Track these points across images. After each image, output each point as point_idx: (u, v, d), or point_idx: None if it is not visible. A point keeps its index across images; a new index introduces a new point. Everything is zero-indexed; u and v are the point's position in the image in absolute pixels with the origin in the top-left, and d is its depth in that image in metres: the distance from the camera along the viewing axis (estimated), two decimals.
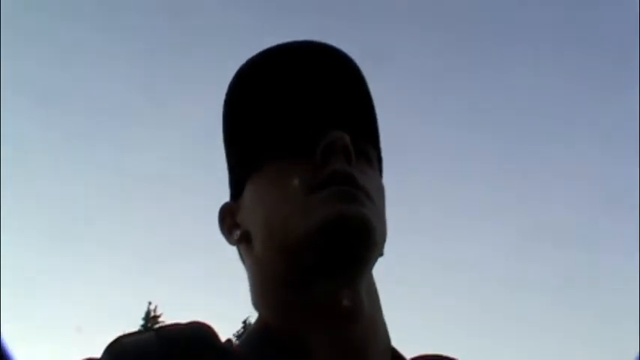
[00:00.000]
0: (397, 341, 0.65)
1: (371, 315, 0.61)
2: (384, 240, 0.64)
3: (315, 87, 0.66)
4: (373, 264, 0.64)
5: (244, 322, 29.17)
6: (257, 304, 0.66)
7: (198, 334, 0.57)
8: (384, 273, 0.68)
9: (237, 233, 0.67)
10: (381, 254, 0.65)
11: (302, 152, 0.63)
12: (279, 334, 0.60)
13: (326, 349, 0.58)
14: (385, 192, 0.68)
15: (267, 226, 0.62)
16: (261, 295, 0.65)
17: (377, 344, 0.61)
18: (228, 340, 0.61)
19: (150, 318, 30.14)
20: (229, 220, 0.70)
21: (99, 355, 0.56)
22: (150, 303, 30.85)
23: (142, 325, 29.72)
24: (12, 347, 0.52)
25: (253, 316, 0.65)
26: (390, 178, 0.73)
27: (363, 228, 0.58)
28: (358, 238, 0.59)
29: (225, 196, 0.73)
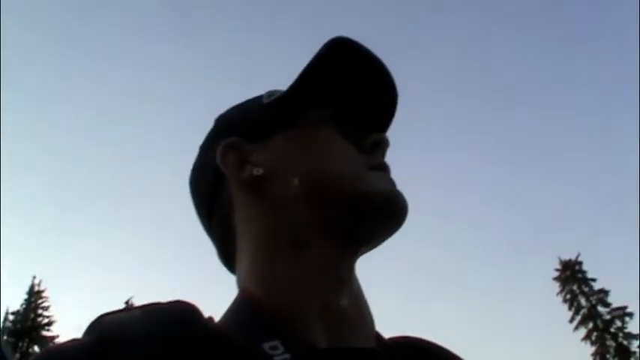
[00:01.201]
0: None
1: (359, 291, 0.64)
2: None
3: (381, 95, 0.74)
4: (369, 250, 0.67)
5: (126, 302, 28.56)
6: (248, 267, 0.64)
7: (183, 312, 0.56)
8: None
9: (259, 170, 0.66)
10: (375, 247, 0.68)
11: (349, 134, 0.70)
12: (267, 304, 0.59)
13: (321, 318, 0.58)
14: None
15: (322, 173, 0.65)
16: (259, 252, 0.64)
17: (365, 322, 0.63)
18: (210, 318, 0.59)
19: (34, 293, 29.99)
20: (235, 155, 0.69)
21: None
22: (34, 277, 30.62)
23: (25, 300, 29.68)
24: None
25: (136, 296, 0.67)
26: None
27: (407, 212, 0.65)
28: (403, 218, 0.65)
29: None
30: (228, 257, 0.71)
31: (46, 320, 30.00)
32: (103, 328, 0.54)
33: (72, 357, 0.51)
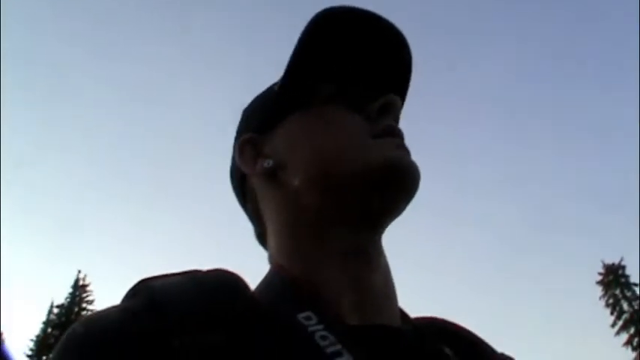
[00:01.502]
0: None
1: (385, 267, 0.64)
2: None
3: (383, 56, 0.71)
4: (391, 221, 0.65)
5: None
6: (276, 245, 0.65)
7: (228, 282, 0.56)
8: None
9: (269, 162, 0.66)
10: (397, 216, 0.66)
11: (354, 105, 0.67)
12: (298, 279, 0.60)
13: (348, 293, 0.59)
14: None
15: (321, 158, 0.63)
16: (284, 234, 0.64)
17: (391, 294, 0.63)
18: (249, 288, 0.59)
19: (79, 287, 30.54)
20: (251, 150, 0.70)
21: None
22: (79, 271, 31.27)
23: (70, 294, 30.34)
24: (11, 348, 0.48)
25: None
26: None
27: (418, 179, 0.62)
28: (413, 185, 0.62)
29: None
30: (262, 237, 0.72)
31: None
32: (149, 292, 0.52)
33: (117, 322, 0.49)
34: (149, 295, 0.51)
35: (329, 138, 0.64)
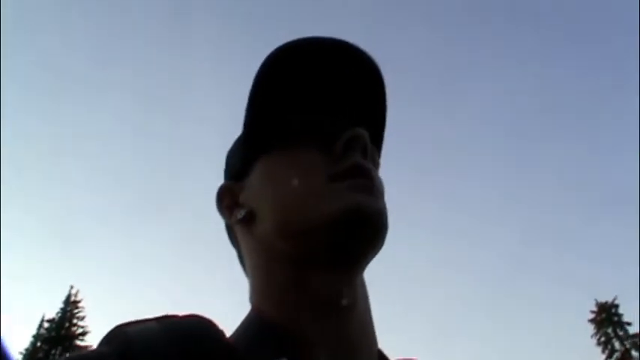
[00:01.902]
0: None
1: (363, 311, 0.62)
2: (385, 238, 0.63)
3: (341, 85, 0.68)
4: (370, 261, 0.64)
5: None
6: (255, 291, 0.65)
7: (202, 328, 0.56)
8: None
9: (242, 212, 0.66)
10: (375, 256, 0.64)
11: (320, 143, 0.64)
12: (275, 325, 0.59)
13: (323, 342, 0.58)
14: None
15: (282, 206, 0.62)
16: (261, 281, 0.64)
17: (368, 341, 0.62)
18: (222, 333, 0.58)
19: (70, 302, 30.23)
20: (228, 199, 0.69)
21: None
22: (72, 287, 31.01)
23: (62, 309, 29.96)
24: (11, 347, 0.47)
25: (172, 311, 0.60)
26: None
27: (380, 221, 0.60)
28: (373, 229, 0.60)
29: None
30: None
31: (80, 330, 30.28)
32: (123, 339, 0.53)
33: None
34: (123, 342, 0.52)
35: (286, 189, 0.62)
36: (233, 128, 0.74)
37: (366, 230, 0.59)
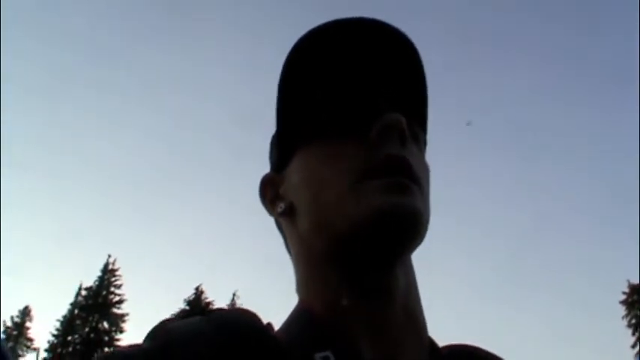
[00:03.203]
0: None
1: (409, 300, 0.61)
2: (427, 228, 0.61)
3: (373, 65, 0.65)
4: (412, 252, 0.62)
5: (196, 288, 30.56)
6: (301, 283, 0.64)
7: (247, 321, 0.57)
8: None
9: (282, 206, 0.65)
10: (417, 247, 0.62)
11: (355, 130, 0.61)
12: (319, 318, 0.59)
13: (367, 333, 0.57)
14: (430, 174, 0.66)
15: (315, 206, 0.61)
16: (303, 273, 0.64)
17: (416, 330, 0.60)
18: (269, 324, 0.60)
19: (108, 271, 30.91)
20: (271, 191, 0.68)
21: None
22: (109, 256, 31.49)
23: (99, 277, 30.73)
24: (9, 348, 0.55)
25: (205, 283, 0.76)
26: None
27: (415, 221, 0.58)
28: (408, 230, 0.58)
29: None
30: None
31: (117, 298, 31.15)
32: (166, 335, 0.54)
33: None
34: (164, 338, 0.53)
35: (322, 185, 0.60)
36: None
37: (396, 233, 0.58)
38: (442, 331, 0.67)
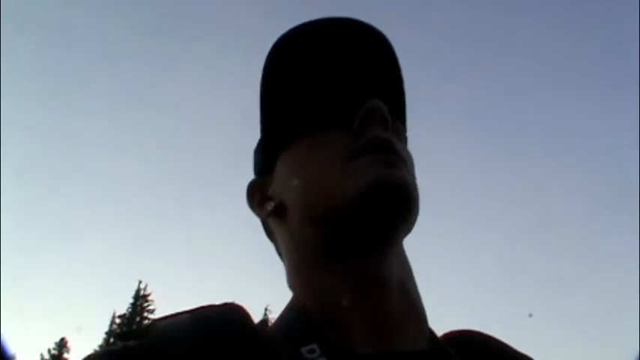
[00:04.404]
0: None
1: (405, 287, 0.60)
2: (418, 210, 0.61)
3: (350, 60, 0.66)
4: (404, 235, 0.63)
5: (265, 309, 29.19)
6: (291, 279, 0.65)
7: (232, 316, 0.57)
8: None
9: (271, 204, 0.66)
10: (409, 230, 0.63)
11: (337, 123, 0.63)
12: (313, 312, 0.59)
13: (363, 325, 0.57)
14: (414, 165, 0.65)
15: (305, 191, 0.62)
16: (296, 268, 0.64)
17: (414, 320, 0.60)
18: (264, 322, 0.60)
19: (140, 297, 30.95)
20: (258, 194, 0.69)
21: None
22: (140, 282, 31.39)
23: (132, 304, 30.74)
24: (10, 346, 0.51)
25: (238, 299, 0.60)
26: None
27: (408, 194, 0.58)
28: (399, 200, 0.58)
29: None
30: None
31: None
32: (152, 333, 0.55)
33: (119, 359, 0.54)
34: (152, 337, 0.55)
35: (310, 171, 0.62)
36: None
37: (392, 204, 0.58)
38: (441, 328, 0.65)
